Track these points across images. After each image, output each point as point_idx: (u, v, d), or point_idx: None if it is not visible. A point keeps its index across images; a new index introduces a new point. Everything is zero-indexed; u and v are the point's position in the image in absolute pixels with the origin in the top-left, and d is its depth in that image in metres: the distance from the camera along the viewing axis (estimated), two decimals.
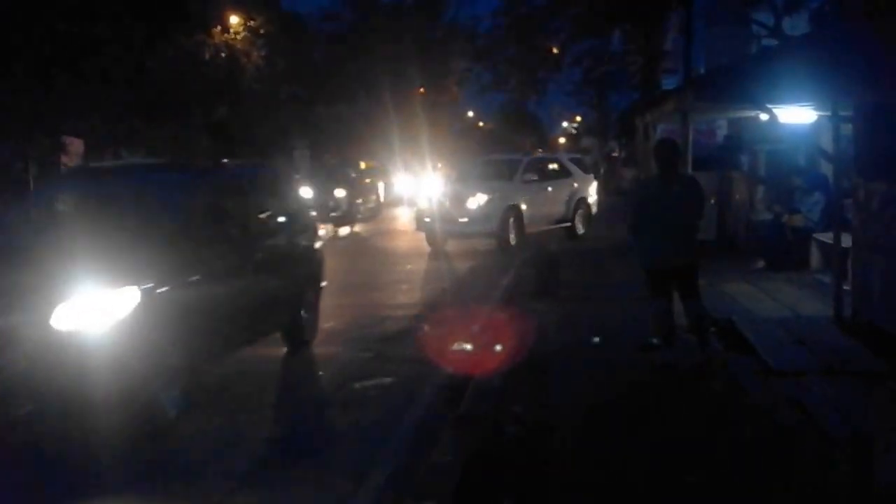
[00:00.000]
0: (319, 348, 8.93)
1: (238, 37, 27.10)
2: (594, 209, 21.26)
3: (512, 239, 17.42)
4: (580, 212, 19.95)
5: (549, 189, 19.28)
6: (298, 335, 8.61)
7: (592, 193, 21.23)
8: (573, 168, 21.13)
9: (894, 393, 6.55)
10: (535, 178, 18.91)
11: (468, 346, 8.60)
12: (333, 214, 22.05)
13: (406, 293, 13.37)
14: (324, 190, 23.73)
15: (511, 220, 17.53)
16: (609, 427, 5.99)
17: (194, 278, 6.61)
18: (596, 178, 23.91)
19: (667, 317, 7.70)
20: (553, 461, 5.36)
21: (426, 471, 5.30)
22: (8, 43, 17.48)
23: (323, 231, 14.35)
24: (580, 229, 19.83)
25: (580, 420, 6.15)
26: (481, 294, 12.14)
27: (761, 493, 4.77)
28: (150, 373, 5.94)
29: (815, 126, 11.34)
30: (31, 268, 6.07)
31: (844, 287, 8.74)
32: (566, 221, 19.43)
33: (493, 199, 17.39)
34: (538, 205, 18.53)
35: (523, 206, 17.94)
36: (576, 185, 20.24)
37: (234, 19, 27.27)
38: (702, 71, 22.93)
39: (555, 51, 35.61)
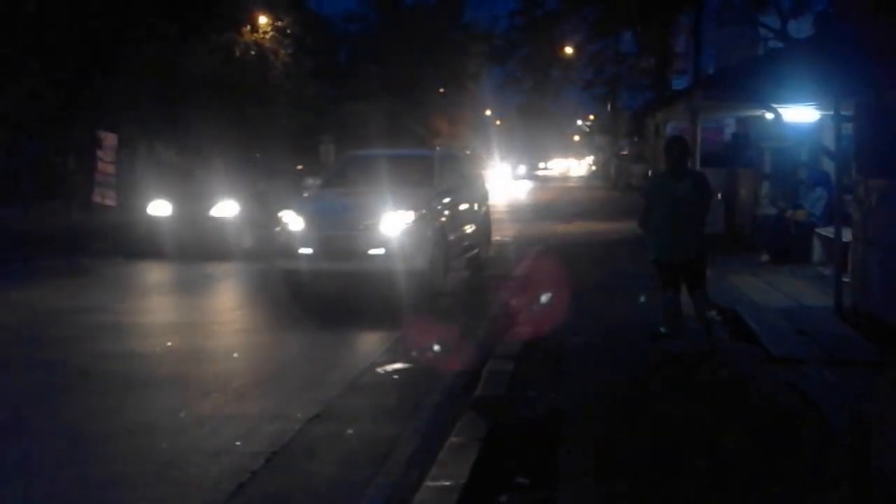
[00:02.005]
0: None
1: (266, 36, 27.47)
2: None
3: (438, 280, 11.27)
4: (484, 230, 14.24)
5: (464, 201, 13.15)
6: None
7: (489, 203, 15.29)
8: (475, 167, 15.87)
9: (892, 381, 6.74)
10: (453, 183, 12.75)
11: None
12: None
13: None
14: None
15: (440, 249, 11.34)
16: (619, 411, 6.08)
17: None
18: (607, 174, 22.70)
19: (675, 307, 7.89)
20: (565, 444, 5.46)
21: (445, 450, 5.40)
22: (46, 42, 17.85)
23: None
24: (485, 250, 14.25)
25: (591, 404, 6.24)
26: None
27: (764, 476, 4.90)
28: None
29: (818, 125, 11.51)
30: None
31: (845, 279, 8.92)
32: (476, 246, 13.44)
33: (420, 219, 10.95)
34: (457, 224, 12.48)
35: (447, 228, 11.87)
36: (479, 191, 14.54)
37: (262, 19, 27.69)
38: (711, 72, 23.17)
39: (568, 50, 35.82)
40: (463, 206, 13.01)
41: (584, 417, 6.01)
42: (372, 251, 10.59)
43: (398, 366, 7.84)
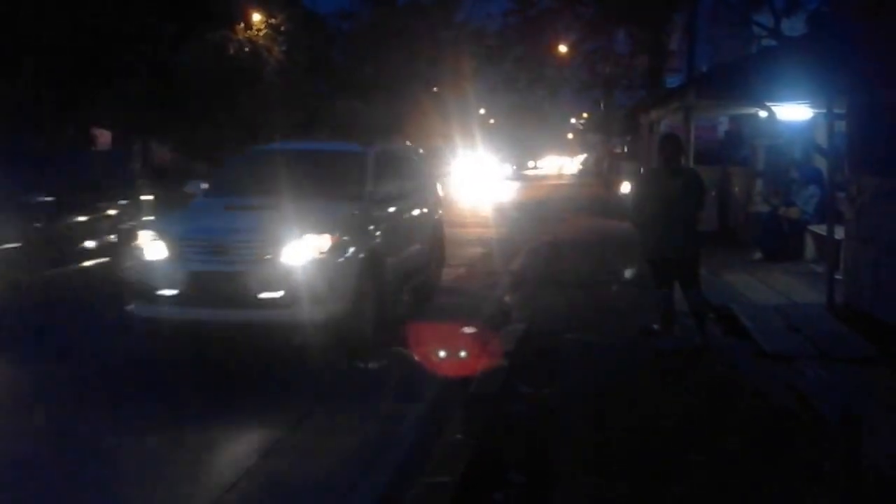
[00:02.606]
0: None
1: (260, 33, 27.55)
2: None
3: (366, 328, 8.10)
4: (436, 246, 11.35)
5: (408, 213, 10.21)
6: None
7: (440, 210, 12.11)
8: (422, 167, 12.04)
9: (884, 377, 6.79)
10: (393, 190, 9.53)
11: None
12: None
13: None
14: None
15: (371, 285, 8.27)
16: (613, 407, 6.11)
17: None
18: (600, 172, 22.35)
19: (668, 304, 7.96)
20: (559, 439, 5.50)
21: (439, 446, 5.43)
22: (42, 40, 17.87)
23: None
24: (435, 275, 11.36)
25: (585, 401, 6.28)
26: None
27: (757, 470, 4.95)
28: None
29: (811, 123, 11.55)
30: None
31: (837, 276, 8.97)
32: (422, 271, 10.56)
33: (342, 245, 7.87)
34: (398, 246, 9.42)
35: (382, 253, 8.75)
36: (429, 200, 11.44)
37: (256, 17, 27.76)
38: (705, 70, 23.25)
39: (562, 49, 35.87)
40: (406, 221, 10.05)
41: (579, 414, 6.02)
42: (265, 295, 7.42)
43: (392, 362, 7.81)
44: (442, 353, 8.05)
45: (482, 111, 67.68)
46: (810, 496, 4.64)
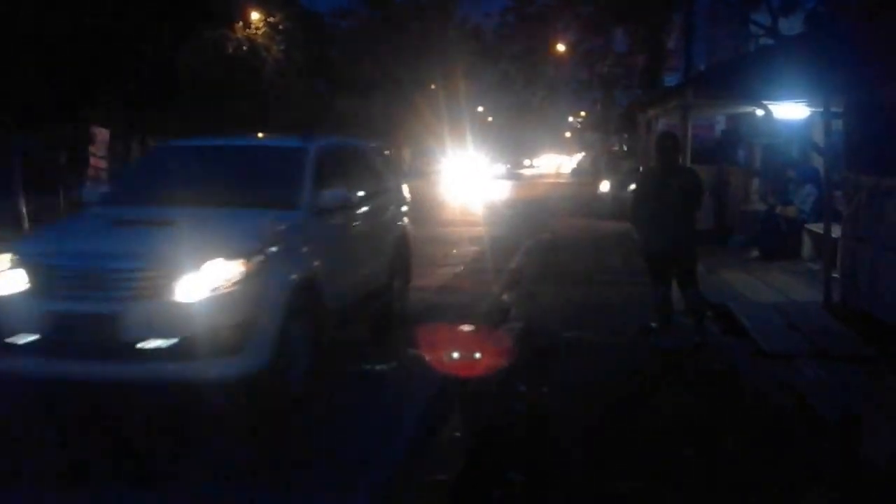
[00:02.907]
0: None
1: (259, 32, 27.62)
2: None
3: (295, 381, 6.21)
4: (400, 263, 9.19)
5: (361, 224, 8.16)
6: None
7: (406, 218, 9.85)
8: (384, 167, 10.01)
9: (882, 376, 6.78)
10: (343, 196, 7.39)
11: None
12: None
13: None
14: None
15: (299, 327, 6.20)
16: (610, 405, 6.11)
17: None
18: (598, 170, 21.95)
19: (666, 302, 7.97)
20: (557, 437, 5.52)
21: (438, 445, 5.46)
22: (40, 37, 17.86)
23: None
24: (400, 299, 9.22)
25: (582, 398, 6.28)
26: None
27: (757, 470, 4.95)
28: None
29: (808, 121, 11.56)
30: None
31: (834, 275, 8.97)
32: (382, 293, 8.52)
33: (260, 272, 5.86)
34: (346, 269, 7.50)
35: (321, 279, 6.68)
36: (392, 206, 9.34)
37: (254, 15, 27.82)
38: (702, 68, 23.26)
39: (560, 47, 35.95)
40: (360, 235, 8.11)
41: (578, 414, 6.01)
42: (149, 344, 5.54)
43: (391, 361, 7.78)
44: (440, 353, 7.98)
45: (480, 109, 67.73)
46: (810, 496, 4.64)
